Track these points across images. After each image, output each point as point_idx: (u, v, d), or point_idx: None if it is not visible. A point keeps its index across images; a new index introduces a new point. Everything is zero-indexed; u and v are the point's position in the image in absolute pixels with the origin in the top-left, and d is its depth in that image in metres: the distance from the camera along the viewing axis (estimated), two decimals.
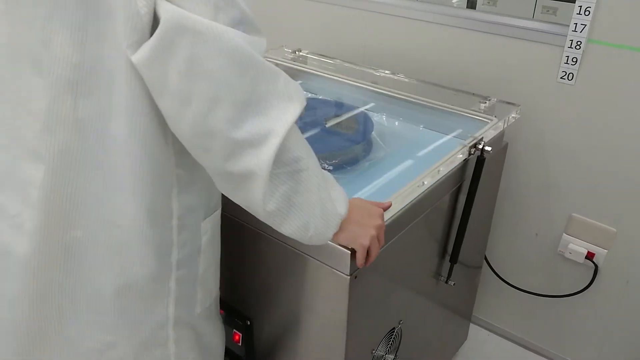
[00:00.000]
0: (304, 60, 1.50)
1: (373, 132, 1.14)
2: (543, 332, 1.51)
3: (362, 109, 1.25)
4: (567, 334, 1.46)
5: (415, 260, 1.02)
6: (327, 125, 1.15)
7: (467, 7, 1.55)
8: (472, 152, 1.01)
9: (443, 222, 1.05)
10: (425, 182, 0.91)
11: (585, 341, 1.44)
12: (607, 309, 1.36)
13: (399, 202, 0.86)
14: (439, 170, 0.94)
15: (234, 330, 1.05)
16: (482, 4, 1.56)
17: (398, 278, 0.97)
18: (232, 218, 0.91)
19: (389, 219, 0.83)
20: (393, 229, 0.86)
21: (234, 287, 1.00)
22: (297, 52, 1.51)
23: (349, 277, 0.79)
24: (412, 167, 1.06)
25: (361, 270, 0.80)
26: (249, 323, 1.01)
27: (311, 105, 1.27)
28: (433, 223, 1.02)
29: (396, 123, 1.24)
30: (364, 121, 1.18)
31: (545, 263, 1.41)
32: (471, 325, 1.55)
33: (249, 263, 0.94)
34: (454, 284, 1.14)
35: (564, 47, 1.19)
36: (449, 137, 1.17)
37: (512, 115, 1.17)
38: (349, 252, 0.77)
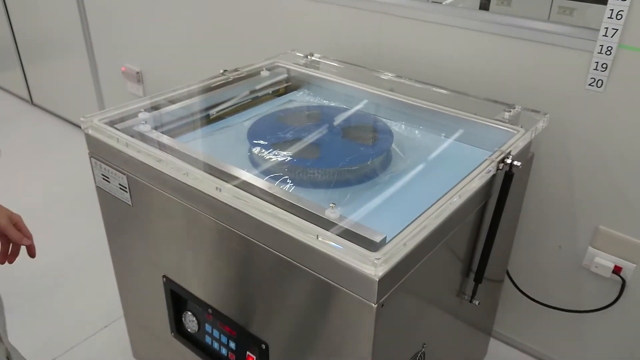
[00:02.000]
0: (316, 65, 1.44)
1: (393, 143, 1.08)
2: (565, 348, 1.45)
3: (380, 118, 1.20)
4: (591, 351, 1.41)
5: (440, 281, 0.96)
6: (343, 137, 1.10)
7: (479, 8, 1.49)
8: (500, 167, 0.95)
9: (467, 240, 1.00)
10: (454, 202, 0.85)
11: (610, 358, 1.38)
12: (635, 326, 1.30)
13: (429, 223, 0.80)
14: (467, 189, 0.88)
15: (248, 353, 1.00)
16: (496, 5, 1.50)
17: (424, 301, 0.91)
18: (251, 241, 0.85)
19: (420, 241, 0.77)
20: (423, 251, 0.80)
21: (249, 310, 0.95)
22: (309, 57, 1.46)
23: (375, 305, 0.73)
24: (435, 180, 1.00)
25: (388, 298, 0.75)
26: (264, 347, 0.95)
27: (326, 114, 1.21)
28: (458, 242, 0.96)
29: (416, 132, 1.18)
30: (383, 131, 1.12)
31: (569, 277, 1.36)
32: (491, 339, 1.49)
33: (266, 286, 0.89)
34: (478, 303, 1.08)
35: (592, 52, 1.13)
36: (472, 147, 1.12)
37: (540, 124, 1.11)
38: (376, 279, 0.71)
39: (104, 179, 1.10)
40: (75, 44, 2.49)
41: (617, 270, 1.26)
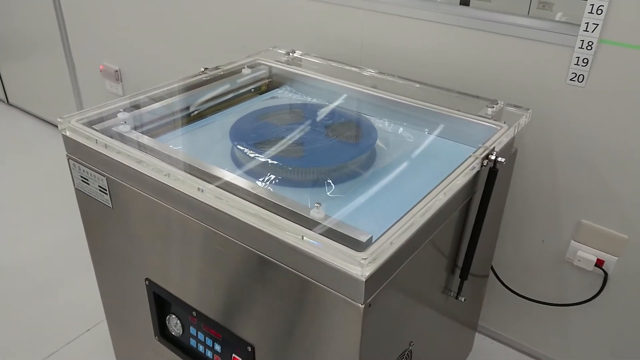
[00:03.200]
0: (298, 62, 1.42)
1: (377, 140, 1.07)
2: (549, 341, 1.47)
3: (363, 115, 1.19)
4: (575, 343, 1.42)
5: (426, 279, 0.96)
6: (327, 135, 1.09)
7: (460, 4, 1.49)
8: (485, 164, 0.95)
9: (453, 237, 1.00)
10: (439, 199, 0.85)
11: (593, 350, 1.40)
12: (617, 318, 1.32)
13: (415, 221, 0.79)
14: (452, 186, 0.88)
15: (234, 355, 0.98)
16: (477, 0, 1.51)
17: (410, 300, 0.91)
18: (235, 242, 0.84)
19: (406, 239, 0.77)
20: (409, 249, 0.80)
21: (234, 312, 0.94)
22: (290, 54, 1.44)
23: (362, 306, 0.73)
24: (420, 177, 1.00)
25: (375, 298, 0.74)
26: (250, 349, 0.94)
27: (309, 112, 1.20)
28: (444, 239, 0.96)
29: (400, 129, 1.18)
30: (367, 128, 1.11)
31: (552, 271, 1.37)
32: (476, 334, 1.50)
33: (251, 288, 0.87)
34: (464, 300, 1.08)
35: (573, 47, 1.14)
36: (456, 144, 1.12)
37: (523, 120, 1.11)
38: (363, 279, 0.70)
39: (82, 180, 1.07)
40: (51, 42, 2.44)
41: (599, 263, 1.27)
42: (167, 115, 1.17)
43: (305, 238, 0.75)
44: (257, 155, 0.99)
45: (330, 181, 0.97)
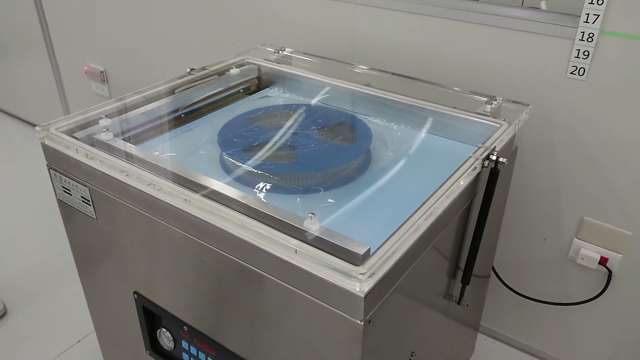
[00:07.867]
0: (288, 60, 1.37)
1: (372, 142, 1.03)
2: (553, 341, 1.43)
3: (357, 115, 1.14)
4: (579, 342, 1.39)
5: (428, 287, 0.92)
6: (319, 137, 1.04)
7: None
8: (486, 165, 0.91)
9: (454, 241, 0.95)
10: (442, 203, 0.80)
11: (598, 349, 1.36)
12: (622, 317, 1.29)
13: (419, 226, 0.75)
14: (454, 189, 0.83)
15: None
16: None
17: (412, 311, 0.87)
18: (224, 255, 0.79)
19: (407, 248, 0.72)
20: (410, 258, 0.75)
21: (226, 327, 0.89)
22: (280, 52, 1.39)
23: (362, 322, 0.68)
24: (419, 180, 0.95)
25: (375, 313, 0.70)
26: None
27: (300, 113, 1.15)
28: (445, 244, 0.92)
29: (396, 129, 1.13)
30: (361, 130, 1.07)
31: (555, 269, 1.33)
32: (478, 335, 1.47)
33: (243, 302, 0.83)
34: (467, 305, 1.04)
35: (574, 39, 1.09)
36: (455, 142, 1.07)
37: (523, 116, 1.07)
38: (362, 295, 0.66)
39: (64, 191, 1.02)
40: (34, 42, 2.37)
41: (603, 261, 1.24)
42: (152, 120, 1.12)
43: (298, 251, 0.70)
44: (246, 162, 0.94)
45: (324, 187, 0.92)
